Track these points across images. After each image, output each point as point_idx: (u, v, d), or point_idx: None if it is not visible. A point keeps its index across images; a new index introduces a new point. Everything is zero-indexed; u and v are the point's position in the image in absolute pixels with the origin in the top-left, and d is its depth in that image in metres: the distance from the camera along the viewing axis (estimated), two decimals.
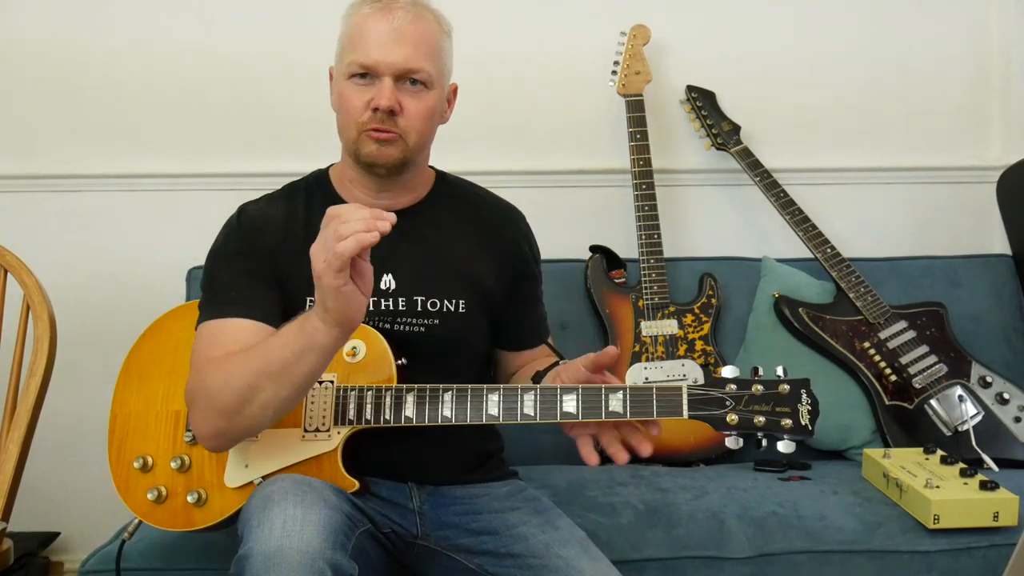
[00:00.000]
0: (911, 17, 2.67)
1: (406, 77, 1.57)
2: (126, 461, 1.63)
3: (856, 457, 2.22)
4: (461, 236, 1.71)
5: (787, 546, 1.81)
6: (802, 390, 1.47)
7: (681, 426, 2.24)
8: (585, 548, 1.58)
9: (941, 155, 2.70)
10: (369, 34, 1.56)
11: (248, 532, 1.35)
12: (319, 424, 1.56)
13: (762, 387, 1.48)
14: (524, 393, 1.50)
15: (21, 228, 2.47)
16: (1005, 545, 1.79)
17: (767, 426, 1.47)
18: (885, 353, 2.30)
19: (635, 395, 1.48)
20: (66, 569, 2.53)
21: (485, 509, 1.64)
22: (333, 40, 1.65)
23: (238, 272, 1.60)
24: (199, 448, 1.60)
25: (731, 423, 1.47)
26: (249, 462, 1.56)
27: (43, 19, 2.53)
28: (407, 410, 1.53)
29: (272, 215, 1.66)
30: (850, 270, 2.37)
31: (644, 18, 2.51)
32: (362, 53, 1.56)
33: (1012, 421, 2.22)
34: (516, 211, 1.81)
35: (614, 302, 2.36)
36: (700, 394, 1.47)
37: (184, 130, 2.56)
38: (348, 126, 1.60)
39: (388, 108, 1.55)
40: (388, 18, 1.56)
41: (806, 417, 1.46)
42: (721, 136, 2.53)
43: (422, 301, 1.64)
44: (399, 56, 1.55)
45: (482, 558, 1.60)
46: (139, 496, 1.62)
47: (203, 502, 1.58)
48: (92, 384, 2.48)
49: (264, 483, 1.46)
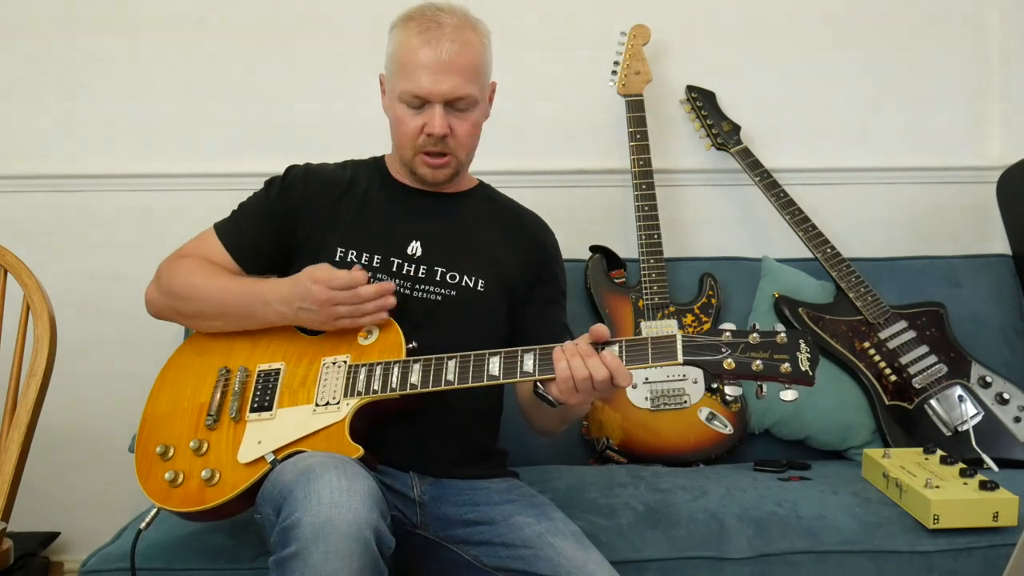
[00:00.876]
0: (911, 17, 2.67)
1: (455, 104, 1.72)
2: (150, 451, 1.68)
3: (856, 457, 2.21)
4: (491, 228, 1.85)
5: (787, 546, 1.81)
6: (800, 340, 1.48)
7: (681, 426, 2.26)
8: (578, 539, 1.61)
9: (941, 155, 2.70)
10: (419, 66, 1.69)
11: (292, 503, 1.38)
12: (330, 398, 1.62)
13: (759, 336, 1.48)
14: (524, 353, 1.56)
15: (21, 228, 2.47)
16: (1005, 545, 1.79)
17: (766, 371, 1.46)
18: (885, 353, 2.30)
19: (631, 345, 1.52)
20: (66, 569, 2.53)
21: (483, 501, 1.68)
22: (333, 41, 1.66)
23: (259, 209, 1.83)
24: (218, 432, 1.65)
25: (728, 368, 1.47)
26: (262, 438, 1.61)
27: (43, 19, 2.53)
28: (412, 377, 1.59)
29: (320, 171, 1.85)
30: (850, 270, 2.37)
31: (644, 18, 2.51)
32: (414, 84, 1.70)
33: (1012, 421, 2.22)
34: (547, 226, 1.93)
35: (614, 302, 2.36)
36: (694, 339, 1.48)
37: (184, 130, 2.56)
38: (404, 147, 1.77)
39: (441, 135, 1.72)
40: (435, 49, 1.69)
41: (806, 364, 1.46)
42: (721, 136, 2.53)
43: (442, 272, 1.76)
44: (447, 87, 1.70)
45: (478, 548, 1.63)
46: (157, 480, 1.65)
47: (215, 480, 1.61)
48: (92, 384, 2.50)
49: (292, 460, 1.50)
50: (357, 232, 1.78)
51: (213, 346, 1.78)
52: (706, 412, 2.27)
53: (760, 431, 2.32)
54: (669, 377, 2.29)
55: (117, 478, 2.52)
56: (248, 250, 1.80)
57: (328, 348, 1.69)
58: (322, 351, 1.69)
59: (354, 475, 1.42)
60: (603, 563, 1.57)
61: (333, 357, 1.67)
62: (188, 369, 1.77)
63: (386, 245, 1.77)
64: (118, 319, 2.52)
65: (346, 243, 1.76)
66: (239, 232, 1.82)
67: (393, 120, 1.78)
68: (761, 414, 2.30)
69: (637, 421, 2.25)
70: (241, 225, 1.83)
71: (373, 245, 1.76)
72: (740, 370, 1.46)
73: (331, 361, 1.67)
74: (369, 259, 1.75)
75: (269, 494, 1.48)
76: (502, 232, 1.85)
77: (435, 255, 1.77)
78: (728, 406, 2.28)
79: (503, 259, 1.81)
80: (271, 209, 1.81)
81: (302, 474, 1.42)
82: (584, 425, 2.27)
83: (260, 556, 1.70)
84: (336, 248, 1.76)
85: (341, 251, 1.75)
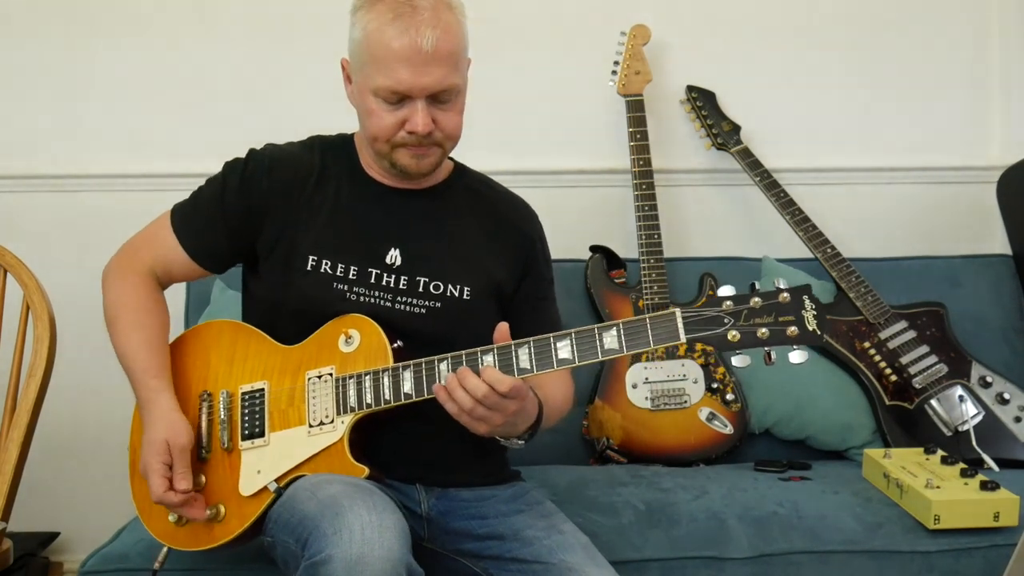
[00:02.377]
0: (911, 17, 2.67)
1: (438, 95, 1.55)
2: (146, 489, 1.59)
3: (856, 457, 2.21)
4: (473, 226, 1.71)
5: (787, 546, 1.81)
6: (804, 296, 1.42)
7: (682, 426, 2.26)
8: (589, 554, 1.57)
9: (941, 155, 2.70)
10: (398, 58, 1.51)
11: (321, 539, 1.33)
12: (323, 417, 1.55)
13: (760, 299, 1.42)
14: (518, 348, 1.48)
15: (21, 228, 2.47)
16: (1005, 545, 1.79)
17: (772, 337, 1.41)
18: (885, 353, 2.30)
19: (629, 328, 1.45)
20: (66, 569, 2.53)
21: (491, 513, 1.64)
22: (333, 41, 1.64)
23: (216, 203, 1.67)
24: (212, 462, 1.60)
25: (733, 340, 1.41)
26: (261, 467, 1.56)
27: (44, 19, 2.53)
28: (405, 387, 1.52)
29: (287, 158, 1.69)
30: (850, 270, 2.37)
31: (644, 18, 2.51)
32: (392, 80, 1.52)
33: (1012, 421, 2.22)
34: (531, 210, 1.81)
35: (614, 302, 2.35)
36: (695, 315, 1.42)
37: (184, 130, 2.55)
38: (379, 139, 1.59)
39: (426, 133, 1.55)
40: (413, 36, 1.49)
41: (812, 323, 1.41)
42: (721, 136, 2.53)
43: (425, 282, 1.63)
44: (430, 80, 1.52)
45: (487, 562, 1.60)
46: (161, 521, 1.61)
47: (221, 516, 1.56)
48: (92, 384, 2.49)
49: (306, 485, 1.46)
50: (330, 238, 1.63)
51: (189, 368, 1.68)
52: (706, 412, 2.27)
53: (760, 431, 2.32)
54: (669, 377, 2.29)
55: (117, 478, 2.50)
56: (203, 250, 1.68)
57: (309, 359, 1.60)
58: (303, 363, 1.60)
59: (383, 509, 1.37)
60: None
61: (317, 370, 1.58)
62: None
63: (362, 254, 1.62)
64: None
65: (318, 251, 1.61)
66: (195, 231, 1.67)
67: (364, 113, 1.60)
68: (761, 414, 2.30)
69: (637, 421, 2.25)
70: (198, 222, 1.68)
71: (348, 254, 1.62)
72: (746, 341, 1.40)
73: (316, 375, 1.58)
74: (345, 270, 1.61)
75: (285, 522, 1.44)
76: (485, 229, 1.72)
77: (416, 264, 1.64)
78: (728, 406, 2.28)
79: (487, 261, 1.69)
80: (229, 207, 1.66)
81: (327, 507, 1.37)
82: (584, 425, 2.27)
83: (257, 560, 1.70)
84: (308, 256, 1.61)
85: (313, 260, 1.61)
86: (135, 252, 1.72)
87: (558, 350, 1.47)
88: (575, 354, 1.46)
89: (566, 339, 1.47)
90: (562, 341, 1.47)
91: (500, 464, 1.77)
